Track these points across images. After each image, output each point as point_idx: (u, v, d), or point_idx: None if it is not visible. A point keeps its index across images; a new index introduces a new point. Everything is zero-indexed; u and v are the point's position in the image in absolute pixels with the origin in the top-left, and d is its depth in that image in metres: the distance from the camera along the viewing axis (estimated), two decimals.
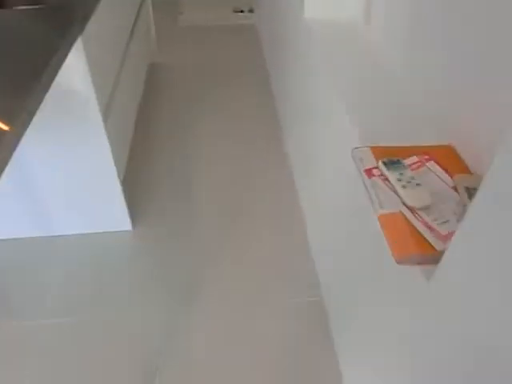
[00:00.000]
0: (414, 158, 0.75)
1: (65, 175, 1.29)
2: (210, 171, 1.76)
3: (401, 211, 0.65)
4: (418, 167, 0.74)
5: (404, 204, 0.66)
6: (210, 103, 2.21)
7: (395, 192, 0.68)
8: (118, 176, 1.32)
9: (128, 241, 1.43)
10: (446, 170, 0.73)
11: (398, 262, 0.60)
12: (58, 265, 1.37)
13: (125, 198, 1.37)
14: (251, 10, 2.93)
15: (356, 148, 0.78)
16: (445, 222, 0.63)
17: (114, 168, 1.28)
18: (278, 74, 2.15)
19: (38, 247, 1.40)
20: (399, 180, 0.68)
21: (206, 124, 2.05)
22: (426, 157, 0.76)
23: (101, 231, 1.42)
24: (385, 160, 0.72)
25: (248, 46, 2.71)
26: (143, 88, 2.18)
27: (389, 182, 0.70)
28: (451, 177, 0.72)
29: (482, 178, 0.48)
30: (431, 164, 0.74)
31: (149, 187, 1.65)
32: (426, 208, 0.64)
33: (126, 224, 1.42)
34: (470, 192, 0.67)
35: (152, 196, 1.61)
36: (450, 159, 0.76)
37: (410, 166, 0.73)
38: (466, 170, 0.74)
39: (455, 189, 0.70)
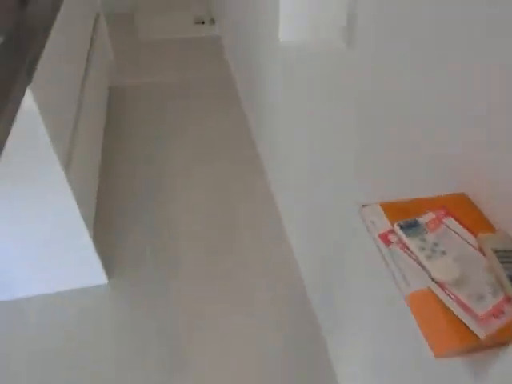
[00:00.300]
0: (430, 215, 0.67)
1: (26, 231, 1.14)
2: (185, 204, 1.65)
3: (429, 288, 0.57)
4: (436, 226, 0.66)
5: (432, 278, 0.58)
6: (177, 128, 2.08)
7: (419, 263, 0.60)
8: (87, 226, 1.19)
9: (104, 296, 1.30)
10: (467, 227, 0.66)
11: (437, 357, 0.52)
12: (23, 331, 1.22)
13: (96, 248, 1.24)
14: (213, 21, 2.82)
15: (364, 206, 0.69)
16: (480, 299, 0.56)
17: (81, 219, 1.15)
18: (252, 99, 2.05)
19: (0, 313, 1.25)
20: (422, 249, 0.60)
21: (177, 151, 1.93)
22: (443, 211, 0.68)
23: (73, 288, 1.28)
24: (401, 223, 0.64)
25: (213, 61, 2.60)
26: (105, 117, 2.02)
27: (409, 249, 0.62)
28: (474, 235, 0.65)
29: (508, 237, 0.41)
30: (449, 221, 0.67)
31: (122, 230, 1.52)
32: (456, 281, 0.57)
33: (100, 277, 1.29)
34: (499, 255, 0.60)
35: (126, 240, 1.48)
36: (466, 211, 0.69)
37: (427, 224, 0.65)
38: (486, 223, 0.67)
39: (481, 250, 0.63)
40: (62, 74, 1.28)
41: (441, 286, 0.57)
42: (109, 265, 1.34)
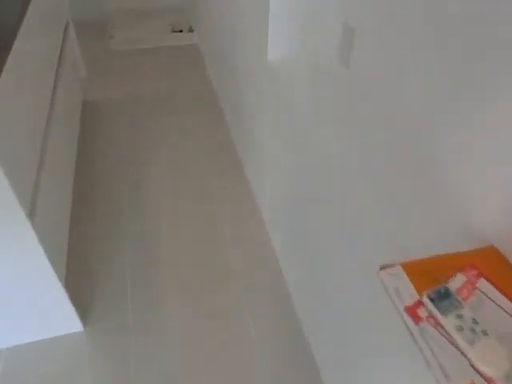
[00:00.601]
0: (461, 279, 0.58)
1: None
2: (165, 242, 1.52)
3: (474, 383, 0.47)
4: (470, 293, 0.56)
5: (475, 369, 0.48)
6: (155, 150, 1.94)
7: (456, 345, 0.50)
8: (57, 273, 1.06)
9: (80, 344, 1.16)
10: (503, 291, 0.57)
11: None
12: None
13: (69, 294, 1.11)
14: (191, 30, 2.69)
15: (383, 268, 0.59)
16: None
17: (50, 267, 1.02)
18: (236, 116, 1.93)
19: None
20: (460, 329, 0.50)
21: (155, 179, 1.79)
22: (474, 272, 0.59)
23: (47, 338, 1.14)
24: (431, 294, 0.54)
25: (192, 72, 2.48)
26: (77, 139, 1.86)
27: (442, 327, 0.52)
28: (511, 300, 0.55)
29: None
30: (483, 284, 0.58)
31: (97, 274, 1.38)
32: (507, 376, 0.47)
33: (75, 325, 1.16)
34: None
35: (102, 283, 1.35)
36: (498, 267, 0.60)
37: (459, 292, 0.56)
38: None
39: None
40: (23, 103, 1.14)
41: (487, 380, 0.47)
42: (84, 311, 1.21)
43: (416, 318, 0.53)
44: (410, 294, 0.56)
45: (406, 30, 0.70)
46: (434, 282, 0.57)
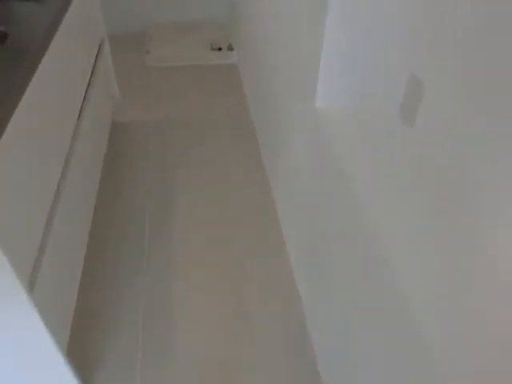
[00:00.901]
0: None
1: None
2: (186, 308, 1.35)
3: None
4: None
5: None
6: (183, 187, 1.78)
7: None
8: (60, 347, 0.91)
9: None
10: None
11: None
12: None
13: (74, 366, 0.97)
14: (230, 48, 2.55)
15: None
16: None
17: (52, 342, 0.87)
18: (273, 153, 1.75)
19: None
20: None
21: (180, 228, 1.62)
22: None
23: None
24: None
25: (229, 94, 2.33)
26: (101, 168, 1.72)
27: None
28: None
29: None
30: None
31: (103, 344, 1.23)
32: None
33: None
34: None
35: (109, 352, 1.20)
36: None
37: None
38: None
39: None
40: (42, 134, 1.01)
41: None
42: (88, 375, 1.07)
43: None
44: None
45: (491, 87, 0.51)
46: None
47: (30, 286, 0.82)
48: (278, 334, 1.29)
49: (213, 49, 2.54)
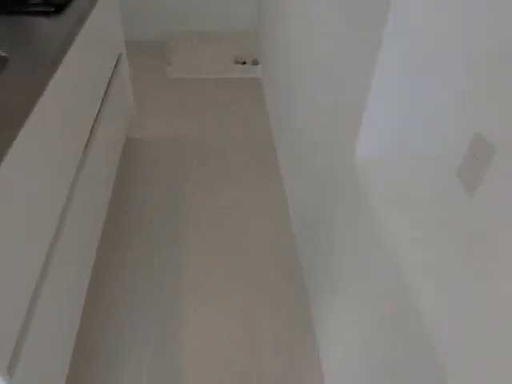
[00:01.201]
0: None
1: None
2: (196, 348, 1.22)
3: None
4: None
5: None
6: (199, 214, 1.64)
7: None
8: None
9: None
10: None
11: None
12: None
13: None
14: (255, 62, 2.41)
15: None
16: None
17: None
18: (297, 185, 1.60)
19: None
20: None
21: (193, 263, 1.49)
22: None
23: None
24: None
25: (251, 112, 2.19)
26: (110, 197, 1.57)
27: None
28: None
29: None
30: None
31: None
32: None
33: None
34: None
35: None
36: None
37: None
38: None
39: None
40: (47, 157, 0.89)
41: None
42: None
43: None
44: None
45: None
46: None
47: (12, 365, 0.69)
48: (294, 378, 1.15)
49: (237, 62, 2.41)
